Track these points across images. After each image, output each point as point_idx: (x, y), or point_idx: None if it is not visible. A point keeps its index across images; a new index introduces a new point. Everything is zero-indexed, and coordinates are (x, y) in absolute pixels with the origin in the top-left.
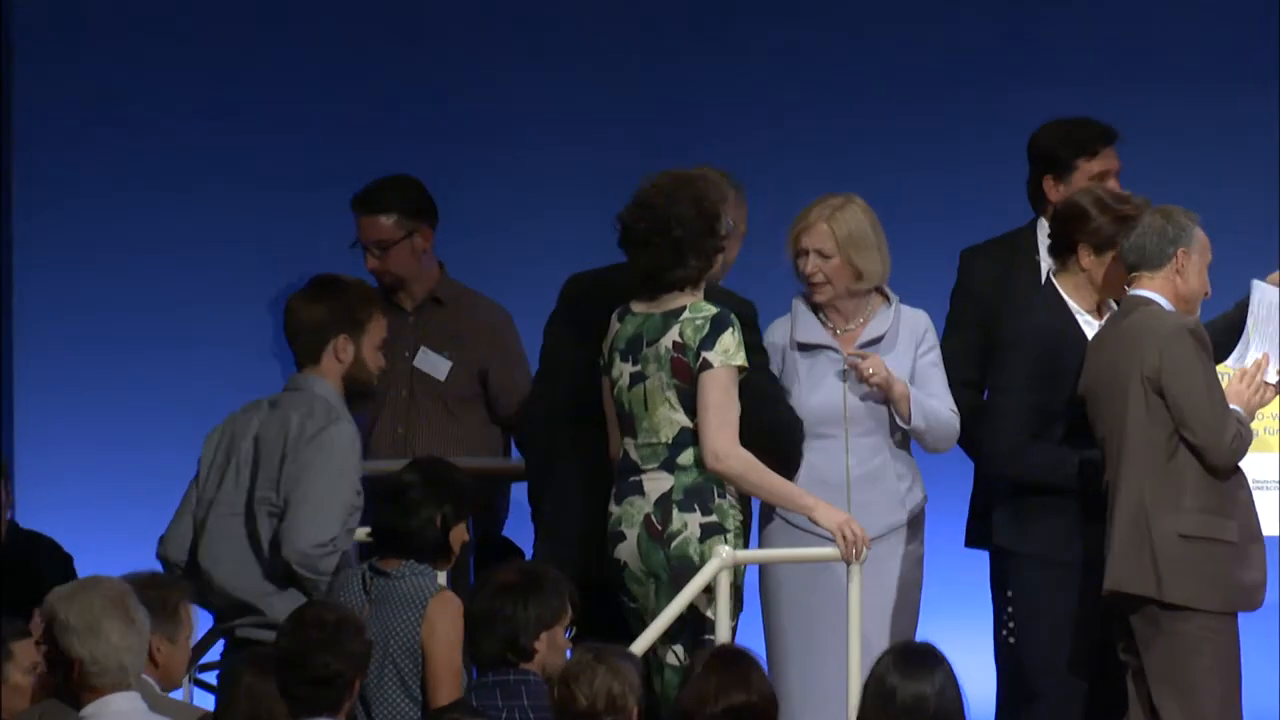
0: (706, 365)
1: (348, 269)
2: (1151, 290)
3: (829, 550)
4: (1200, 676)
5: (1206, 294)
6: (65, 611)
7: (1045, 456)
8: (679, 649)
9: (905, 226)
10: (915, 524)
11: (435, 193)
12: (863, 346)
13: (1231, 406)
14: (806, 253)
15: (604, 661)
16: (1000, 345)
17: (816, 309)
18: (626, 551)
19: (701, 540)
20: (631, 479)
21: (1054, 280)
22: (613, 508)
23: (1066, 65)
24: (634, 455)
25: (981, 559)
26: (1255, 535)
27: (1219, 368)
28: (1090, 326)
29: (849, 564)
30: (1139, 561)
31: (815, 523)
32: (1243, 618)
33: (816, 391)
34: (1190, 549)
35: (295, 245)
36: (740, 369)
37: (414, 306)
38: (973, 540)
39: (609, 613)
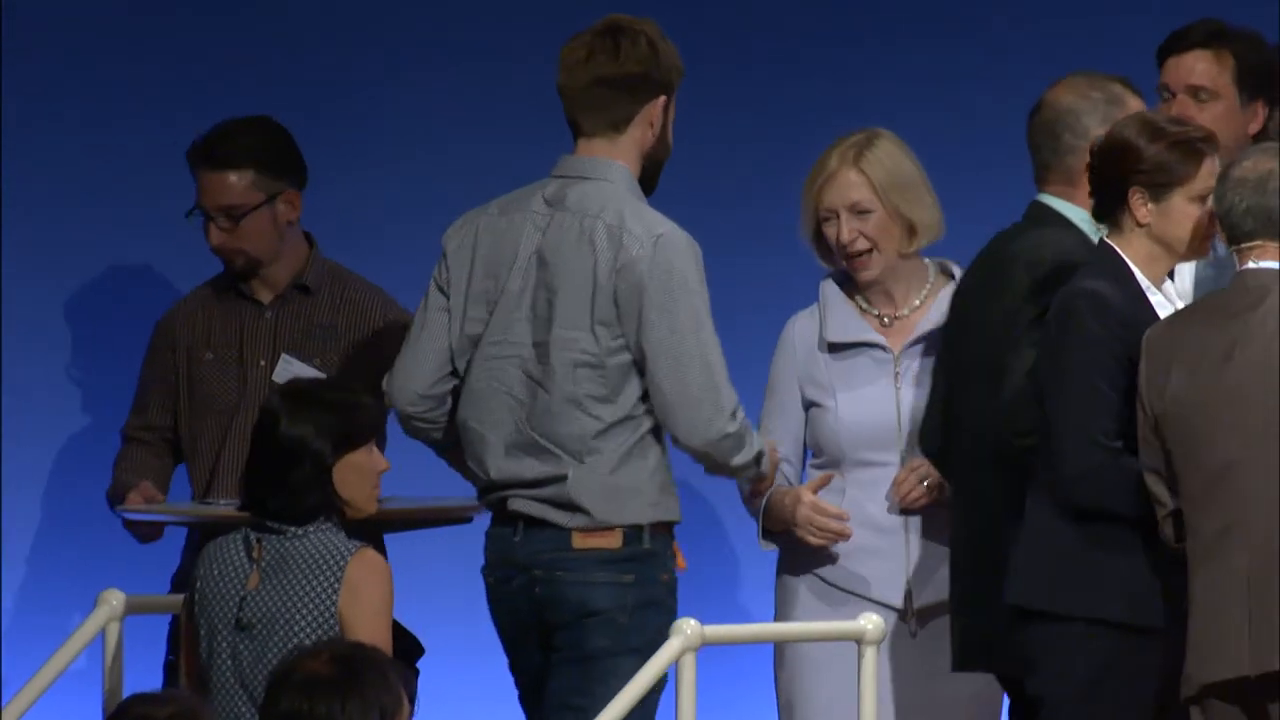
0: None
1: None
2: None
3: (843, 626)
4: None
5: None
6: None
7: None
8: None
9: (944, 178)
10: None
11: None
12: (920, 340)
13: None
14: (834, 215)
15: None
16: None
17: (852, 294)
18: None
19: None
20: None
21: (1111, 244)
22: None
23: None
24: None
25: None
26: None
27: None
28: (1163, 308)
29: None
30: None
31: None
32: None
33: (859, 405)
34: None
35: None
36: None
37: (274, 298)
38: None
39: None
